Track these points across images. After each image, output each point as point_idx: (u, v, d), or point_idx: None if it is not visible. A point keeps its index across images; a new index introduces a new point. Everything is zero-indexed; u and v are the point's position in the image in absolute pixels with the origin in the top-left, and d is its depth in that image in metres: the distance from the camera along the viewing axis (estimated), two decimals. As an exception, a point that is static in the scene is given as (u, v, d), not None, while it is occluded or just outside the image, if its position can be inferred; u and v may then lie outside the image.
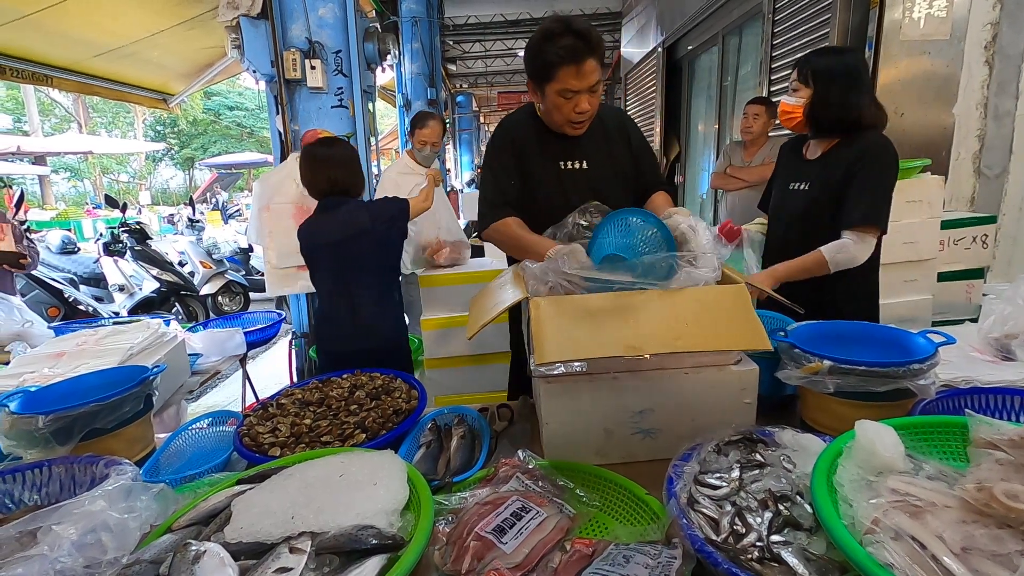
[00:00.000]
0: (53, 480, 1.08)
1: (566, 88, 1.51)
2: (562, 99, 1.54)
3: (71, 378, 1.47)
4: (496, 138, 1.76)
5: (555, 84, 1.51)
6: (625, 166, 1.75)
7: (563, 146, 1.69)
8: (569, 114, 1.56)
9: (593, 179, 1.68)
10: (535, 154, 1.69)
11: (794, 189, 1.85)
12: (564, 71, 1.48)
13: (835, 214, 1.70)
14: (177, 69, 5.75)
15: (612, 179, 1.71)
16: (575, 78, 1.49)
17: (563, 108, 1.55)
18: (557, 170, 1.69)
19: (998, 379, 1.27)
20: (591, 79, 1.50)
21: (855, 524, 0.72)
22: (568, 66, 1.47)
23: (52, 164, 17.92)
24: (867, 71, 1.82)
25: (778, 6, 4.12)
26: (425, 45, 7.47)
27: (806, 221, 1.78)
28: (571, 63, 1.47)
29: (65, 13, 3.79)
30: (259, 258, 7.18)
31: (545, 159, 1.69)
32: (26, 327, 2.20)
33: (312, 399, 1.45)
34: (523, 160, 1.69)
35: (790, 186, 1.87)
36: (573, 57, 1.46)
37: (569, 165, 1.69)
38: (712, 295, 1.15)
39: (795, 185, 1.85)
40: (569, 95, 1.52)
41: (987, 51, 2.81)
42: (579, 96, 1.53)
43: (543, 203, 1.67)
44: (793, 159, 1.91)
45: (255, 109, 22.68)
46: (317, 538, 0.81)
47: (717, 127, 5.72)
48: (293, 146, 3.42)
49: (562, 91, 1.52)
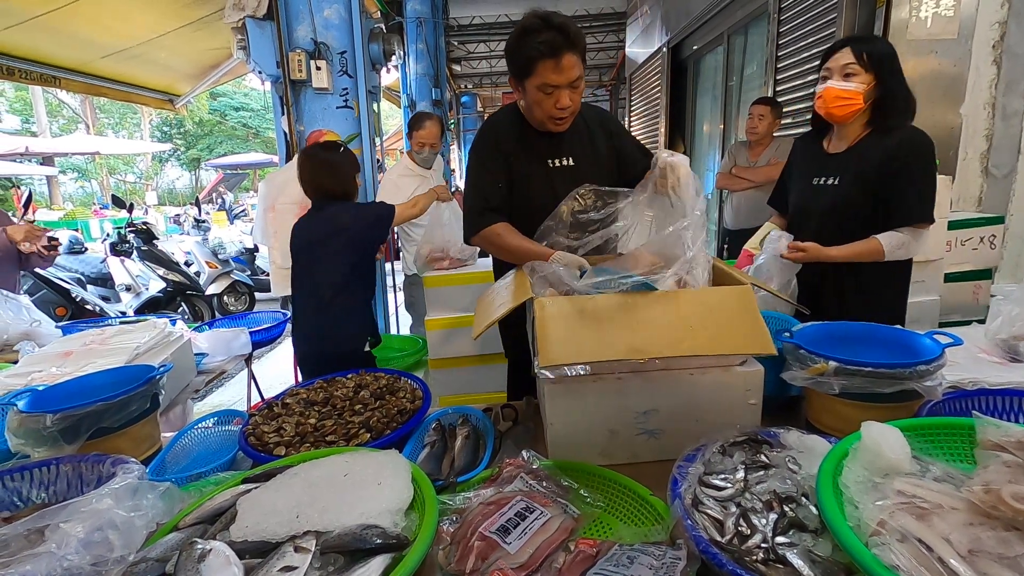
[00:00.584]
0: (60, 478, 1.08)
1: (545, 83, 1.51)
2: (542, 94, 1.53)
3: (78, 377, 1.48)
4: (480, 140, 1.75)
5: (535, 79, 1.51)
6: (610, 161, 1.75)
7: (549, 144, 1.69)
8: (550, 110, 1.56)
9: (581, 176, 1.67)
10: (521, 154, 1.69)
11: (820, 184, 1.77)
12: (543, 65, 1.48)
13: (871, 208, 1.67)
14: (183, 70, 5.78)
15: (599, 174, 1.70)
16: (554, 72, 1.49)
17: (544, 104, 1.55)
18: (545, 168, 1.69)
19: (1005, 380, 1.26)
20: (571, 74, 1.50)
21: (861, 526, 0.71)
22: (546, 60, 1.47)
23: (60, 165, 18.05)
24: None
25: (784, 6, 4.10)
26: (430, 46, 7.49)
27: (838, 216, 1.72)
28: (549, 57, 1.47)
29: (73, 15, 3.82)
30: (264, 258, 7.22)
31: (532, 158, 1.69)
32: (34, 326, 2.21)
33: (317, 399, 1.46)
34: (510, 160, 1.68)
35: (814, 181, 1.79)
36: (552, 51, 1.46)
37: (557, 163, 1.70)
38: (717, 297, 1.14)
39: (821, 180, 1.78)
40: (549, 90, 1.52)
41: (995, 50, 2.79)
42: (559, 91, 1.52)
43: (535, 202, 1.65)
44: (813, 153, 1.84)
45: (260, 110, 22.76)
46: (322, 537, 0.82)
47: (722, 127, 5.70)
48: (298, 146, 3.44)
49: (542, 86, 1.52)
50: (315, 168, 2.17)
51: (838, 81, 1.64)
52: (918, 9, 2.84)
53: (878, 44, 1.65)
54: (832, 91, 1.64)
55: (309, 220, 2.20)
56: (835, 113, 1.67)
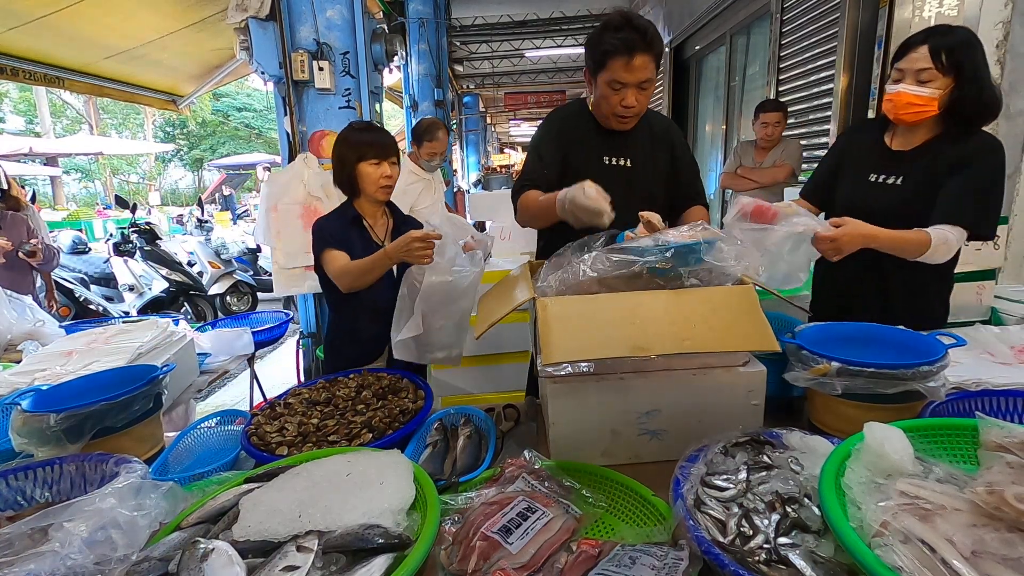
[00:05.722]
0: (64, 478, 1.09)
1: (615, 79, 1.55)
2: (611, 90, 1.58)
3: (82, 377, 1.49)
4: (542, 128, 1.80)
5: (606, 74, 1.56)
6: (666, 170, 1.77)
7: (609, 142, 1.72)
8: (615, 106, 1.60)
9: (635, 177, 1.71)
10: (580, 146, 1.72)
11: (879, 182, 1.63)
12: (615, 61, 1.52)
13: (932, 212, 1.52)
14: (186, 71, 5.80)
15: (653, 178, 1.74)
16: (625, 70, 1.53)
17: (611, 99, 1.59)
18: (600, 165, 1.71)
19: (1009, 381, 1.26)
20: (641, 74, 1.53)
21: (864, 527, 0.71)
22: (620, 57, 1.51)
23: (63, 165, 18.09)
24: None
25: (786, 5, 4.09)
26: (432, 46, 7.49)
27: (897, 218, 1.52)
28: (623, 54, 1.51)
29: (77, 16, 3.84)
30: (267, 258, 7.22)
31: (589, 152, 1.72)
32: (38, 326, 2.22)
33: (319, 399, 1.46)
34: (568, 151, 1.72)
35: (871, 177, 1.65)
36: (626, 49, 1.50)
37: (613, 161, 1.72)
38: (720, 296, 1.14)
39: (880, 178, 1.64)
40: (617, 86, 1.56)
41: (999, 50, 2.78)
42: (627, 90, 1.56)
43: None
44: (872, 147, 1.68)
45: (263, 110, 22.79)
46: (324, 537, 0.82)
47: (725, 127, 5.69)
48: (301, 147, 3.44)
49: (611, 81, 1.56)
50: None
51: (911, 85, 1.49)
52: (921, 9, 2.83)
53: (959, 40, 1.46)
54: (904, 96, 1.50)
55: None
56: (905, 119, 1.55)
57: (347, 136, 1.91)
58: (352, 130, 1.92)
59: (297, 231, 3.23)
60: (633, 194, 1.61)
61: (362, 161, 1.86)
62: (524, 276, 1.37)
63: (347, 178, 1.90)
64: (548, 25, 9.79)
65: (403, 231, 2.00)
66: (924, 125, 1.58)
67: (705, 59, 6.42)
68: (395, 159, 1.91)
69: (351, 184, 1.91)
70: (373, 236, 1.93)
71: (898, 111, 1.54)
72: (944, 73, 1.46)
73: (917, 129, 1.59)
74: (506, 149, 22.66)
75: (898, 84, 1.53)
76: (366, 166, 1.86)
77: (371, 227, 1.94)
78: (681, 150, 1.81)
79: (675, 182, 1.78)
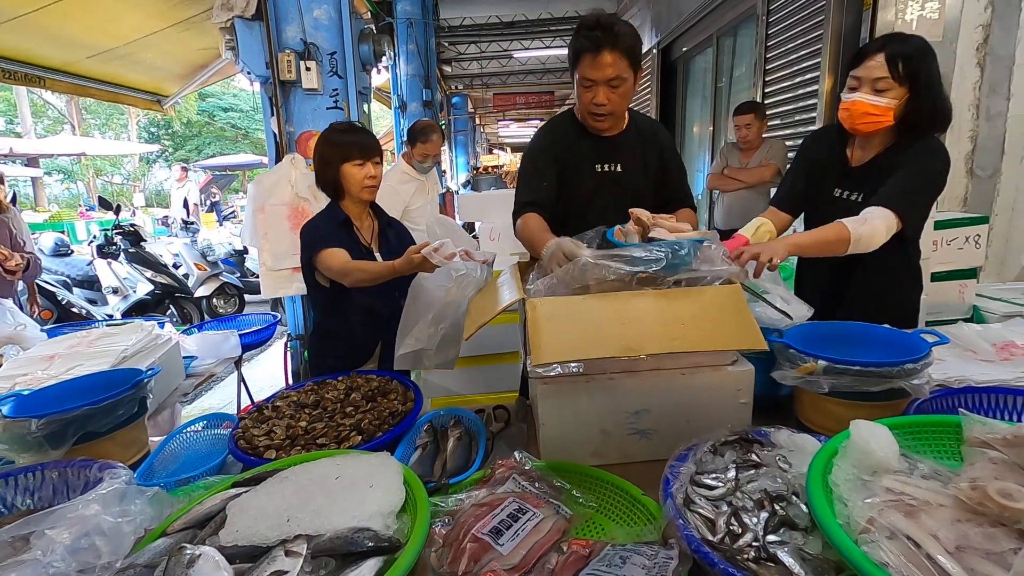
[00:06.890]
0: (46, 484, 1.07)
1: (584, 76, 1.57)
2: (583, 88, 1.61)
3: (64, 381, 1.46)
4: (536, 139, 1.82)
5: (577, 72, 1.59)
6: (657, 173, 1.79)
7: (600, 148, 1.73)
8: (588, 104, 1.62)
9: (627, 182, 1.74)
10: (572, 153, 1.74)
11: (843, 198, 1.63)
12: (584, 58, 1.55)
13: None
14: (171, 70, 5.73)
15: (644, 182, 1.76)
16: (592, 67, 1.55)
17: (583, 97, 1.62)
18: (592, 171, 1.73)
19: (991, 378, 1.28)
20: (608, 71, 1.54)
21: (850, 523, 0.72)
22: (588, 54, 1.54)
23: (45, 166, 17.80)
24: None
25: (772, 8, 4.14)
26: (420, 47, 7.47)
27: None
28: (591, 51, 1.53)
29: (59, 14, 3.77)
30: (254, 260, 7.16)
31: (581, 161, 1.74)
32: (19, 330, 2.18)
33: (308, 401, 1.45)
34: (561, 159, 1.74)
35: (835, 192, 1.65)
36: (593, 46, 1.52)
37: (605, 168, 1.74)
38: (708, 296, 1.15)
39: (843, 193, 1.64)
40: (587, 83, 1.58)
41: (979, 52, 2.83)
42: (597, 87, 1.58)
43: (579, 202, 1.73)
44: (833, 161, 1.68)
45: (250, 111, 22.57)
46: (313, 541, 0.81)
47: (712, 128, 5.74)
48: (288, 148, 3.41)
49: (581, 79, 1.59)
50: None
51: (867, 95, 1.47)
52: (903, 12, 2.87)
53: (916, 48, 1.46)
54: (860, 106, 1.49)
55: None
56: (861, 129, 1.54)
57: (329, 137, 1.90)
58: (334, 131, 1.91)
59: (284, 232, 3.20)
60: (624, 198, 1.61)
61: (346, 162, 1.85)
62: (513, 277, 1.37)
63: (331, 180, 1.89)
64: (536, 26, 9.82)
65: (388, 234, 2.00)
66: (878, 136, 1.57)
67: (692, 61, 6.46)
68: (378, 159, 1.91)
69: (335, 186, 1.90)
70: (361, 239, 1.92)
71: (854, 120, 1.52)
72: (900, 83, 1.45)
73: (872, 140, 1.58)
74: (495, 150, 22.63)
75: (855, 92, 1.51)
76: (350, 167, 1.85)
77: (359, 229, 1.94)
78: (670, 152, 1.82)
79: (663, 185, 1.80)
